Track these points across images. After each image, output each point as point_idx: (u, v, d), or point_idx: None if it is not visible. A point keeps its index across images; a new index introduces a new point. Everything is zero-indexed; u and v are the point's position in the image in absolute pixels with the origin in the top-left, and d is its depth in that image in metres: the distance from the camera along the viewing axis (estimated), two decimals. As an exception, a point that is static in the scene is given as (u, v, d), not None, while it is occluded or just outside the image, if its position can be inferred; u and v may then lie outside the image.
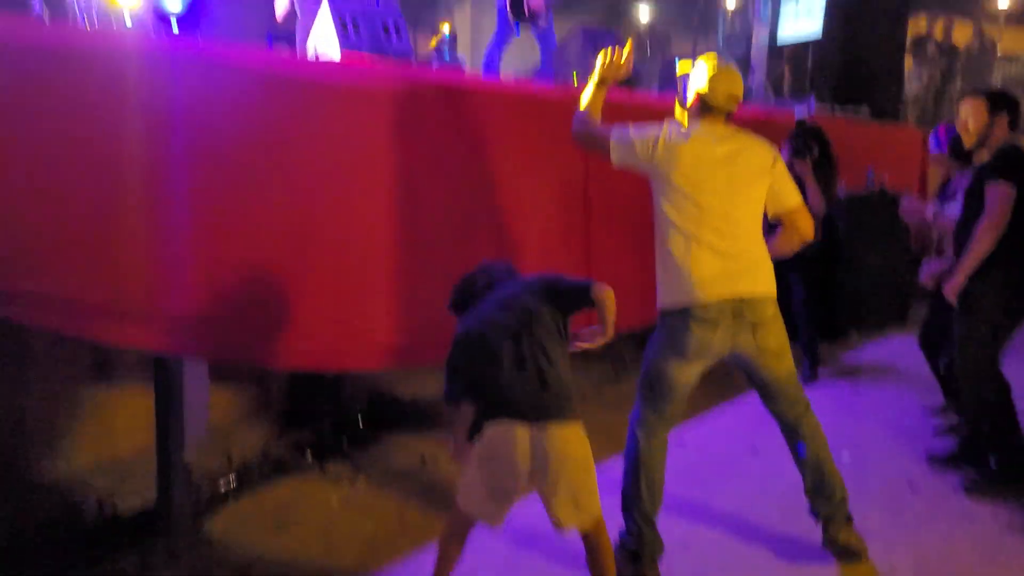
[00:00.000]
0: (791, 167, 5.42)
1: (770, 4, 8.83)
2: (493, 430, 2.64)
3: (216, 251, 3.07)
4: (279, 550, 3.28)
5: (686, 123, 3.20)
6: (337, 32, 4.67)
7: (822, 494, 3.25)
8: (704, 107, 3.13)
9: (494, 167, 4.32)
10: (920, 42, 12.56)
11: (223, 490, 3.61)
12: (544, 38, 7.01)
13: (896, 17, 9.71)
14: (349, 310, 3.58)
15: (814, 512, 3.31)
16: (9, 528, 3.04)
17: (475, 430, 2.73)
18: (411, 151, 3.84)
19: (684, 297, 3.03)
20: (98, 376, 3.44)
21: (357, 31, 4.69)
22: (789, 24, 9.13)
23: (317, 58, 4.80)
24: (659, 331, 3.16)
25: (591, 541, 2.74)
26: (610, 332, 2.75)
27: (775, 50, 9.48)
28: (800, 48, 9.17)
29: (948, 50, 12.73)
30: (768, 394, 3.24)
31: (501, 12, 7.11)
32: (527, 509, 2.87)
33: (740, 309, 3.03)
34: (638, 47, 12.65)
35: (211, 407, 3.75)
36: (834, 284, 6.81)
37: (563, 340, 2.75)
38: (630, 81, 5.75)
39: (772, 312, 3.13)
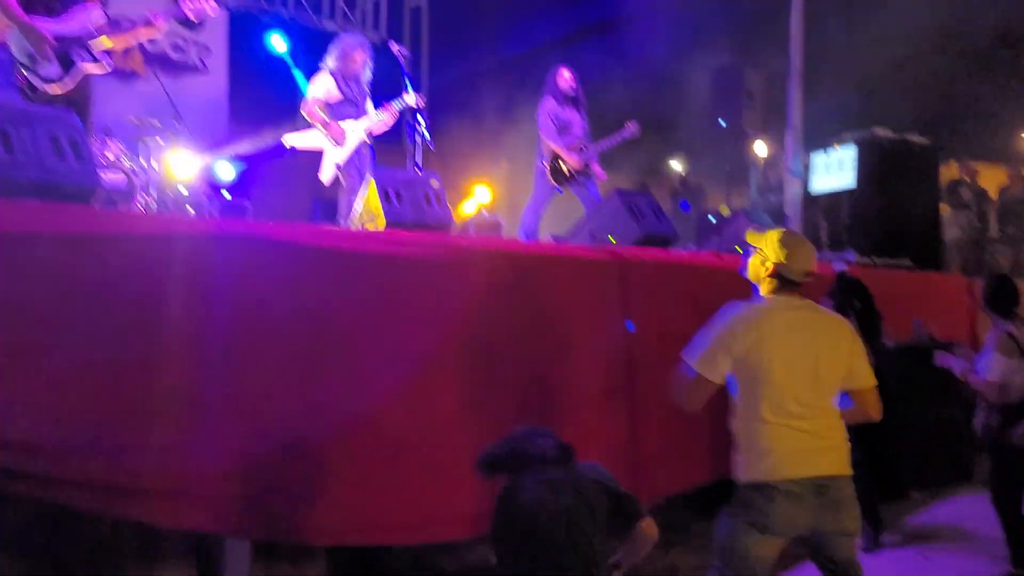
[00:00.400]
0: None
1: (800, 157, 9.02)
2: None
3: (262, 427, 3.07)
4: None
5: (761, 292, 3.19)
6: (381, 202, 4.84)
7: None
8: (780, 280, 3.12)
9: (536, 328, 4.34)
10: (954, 188, 12.69)
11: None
12: (588, 196, 7.23)
13: (929, 164, 9.86)
14: (401, 483, 3.52)
15: None
16: None
17: None
18: (458, 316, 3.88)
19: (769, 472, 2.99)
20: (143, 556, 3.38)
21: (400, 201, 4.85)
22: (821, 177, 9.29)
23: (362, 226, 4.96)
24: (737, 506, 3.09)
25: None
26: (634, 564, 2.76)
27: (809, 200, 9.62)
28: (835, 199, 9.29)
29: (979, 195, 12.86)
30: (832, 572, 3.11)
31: (540, 174, 7.36)
32: None
33: (825, 488, 3.00)
34: (673, 200, 12.93)
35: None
36: (890, 441, 6.60)
37: (608, 539, 2.69)
38: (667, 239, 5.84)
39: (851, 492, 3.09)
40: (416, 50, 13.73)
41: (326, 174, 6.36)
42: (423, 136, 6.16)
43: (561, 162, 7.23)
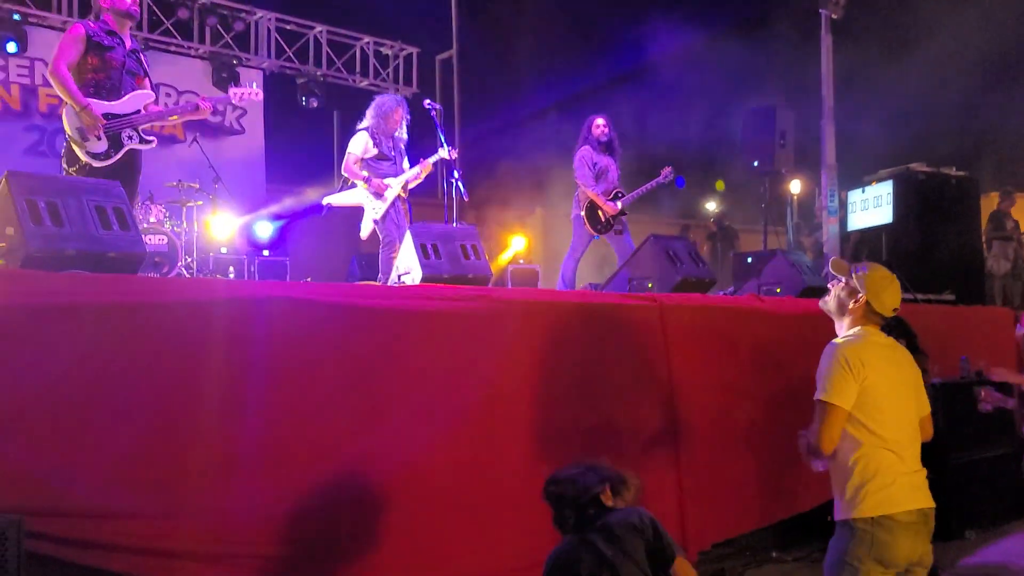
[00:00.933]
0: None
1: (836, 195, 8.98)
2: None
3: (305, 488, 3.08)
4: None
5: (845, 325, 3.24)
6: (418, 256, 4.89)
7: None
8: (869, 314, 3.18)
9: (575, 380, 4.32)
10: (997, 219, 12.56)
11: None
12: (623, 243, 7.26)
13: (968, 196, 9.76)
14: (452, 539, 3.51)
15: None
16: None
17: None
18: (502, 367, 3.89)
19: (885, 504, 3.01)
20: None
21: (438, 255, 4.90)
22: (859, 213, 9.23)
23: (400, 281, 5.00)
24: (851, 542, 3.06)
25: None
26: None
27: (847, 236, 9.56)
28: (873, 235, 9.21)
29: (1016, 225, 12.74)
30: None
31: (577, 222, 7.42)
32: None
33: (927, 519, 3.08)
34: (710, 244, 12.90)
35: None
36: (941, 480, 6.46)
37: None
38: (705, 283, 5.81)
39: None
40: (448, 103, 13.97)
41: (365, 231, 6.45)
42: (458, 189, 6.23)
43: (598, 209, 7.28)
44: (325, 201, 6.95)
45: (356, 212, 11.07)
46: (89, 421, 2.61)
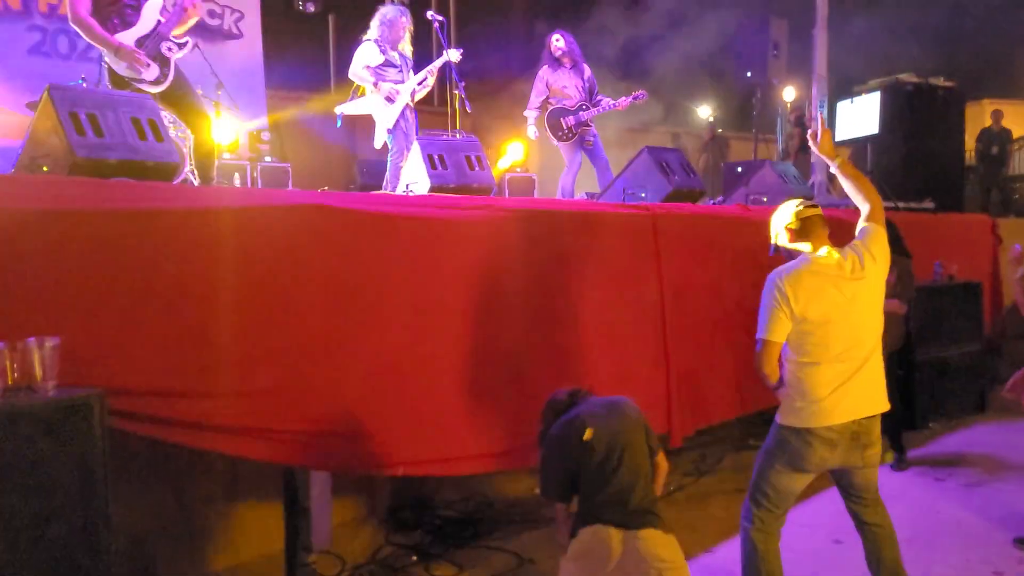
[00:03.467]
0: None
1: (826, 105, 9.18)
2: (589, 533, 2.97)
3: (333, 376, 3.47)
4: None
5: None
6: (426, 167, 5.19)
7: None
8: (803, 230, 3.30)
9: (572, 282, 4.68)
10: (985, 135, 12.91)
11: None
12: (594, 157, 7.39)
13: (955, 107, 9.98)
14: (456, 420, 3.93)
15: None
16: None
17: (572, 528, 3.05)
18: (500, 273, 4.23)
19: (808, 419, 3.24)
20: (232, 488, 3.83)
21: (444, 165, 5.19)
22: (846, 123, 9.46)
23: (408, 190, 5.31)
24: (777, 445, 3.35)
25: None
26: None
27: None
28: (860, 145, 9.46)
29: (1004, 134, 13.01)
30: (852, 495, 3.45)
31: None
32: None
33: (857, 432, 3.25)
34: (702, 153, 13.09)
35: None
36: (913, 375, 6.94)
37: (650, 460, 3.20)
38: (696, 194, 6.13)
39: (878, 431, 3.34)
40: (444, 10, 13.92)
41: (378, 140, 6.49)
42: (462, 98, 6.35)
43: (560, 119, 7.36)
44: (338, 110, 7.04)
45: (355, 118, 11.24)
46: (146, 316, 2.95)
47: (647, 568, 2.96)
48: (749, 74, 9.72)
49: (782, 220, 3.36)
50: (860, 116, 9.43)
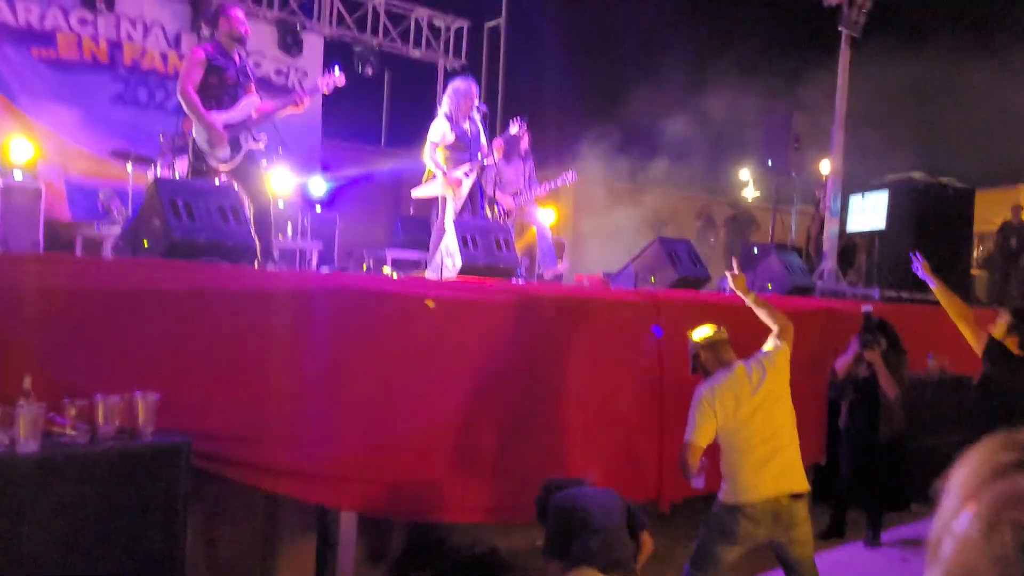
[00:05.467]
0: (861, 358, 6.27)
1: (839, 198, 9.80)
2: (583, 573, 3.60)
3: (369, 434, 4.16)
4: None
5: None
6: (459, 247, 5.90)
7: None
8: (714, 351, 4.07)
9: (581, 359, 5.33)
10: (1005, 228, 13.36)
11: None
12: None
13: (963, 204, 10.50)
14: (466, 476, 4.59)
15: None
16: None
17: (562, 570, 3.70)
18: (515, 347, 4.91)
19: (734, 496, 3.95)
20: (270, 523, 4.52)
21: (476, 246, 5.91)
22: (857, 217, 10.06)
23: (441, 269, 6.02)
24: (713, 519, 4.05)
25: None
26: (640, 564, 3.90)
27: (848, 238, 10.38)
28: (868, 238, 10.03)
29: (1020, 227, 13.45)
30: (789, 569, 4.08)
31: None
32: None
33: (778, 511, 3.90)
34: (726, 227, 13.72)
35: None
36: (899, 462, 7.42)
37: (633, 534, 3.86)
38: (698, 282, 6.78)
39: (804, 513, 3.99)
40: (494, 71, 14.77)
41: (448, 223, 6.78)
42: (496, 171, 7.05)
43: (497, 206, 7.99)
44: (414, 195, 7.52)
45: (398, 176, 12.03)
46: (226, 378, 3.68)
47: None
48: (770, 163, 10.37)
49: (698, 344, 4.09)
50: (870, 210, 10.02)
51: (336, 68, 6.14)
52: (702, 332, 4.14)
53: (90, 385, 3.17)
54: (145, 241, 4.28)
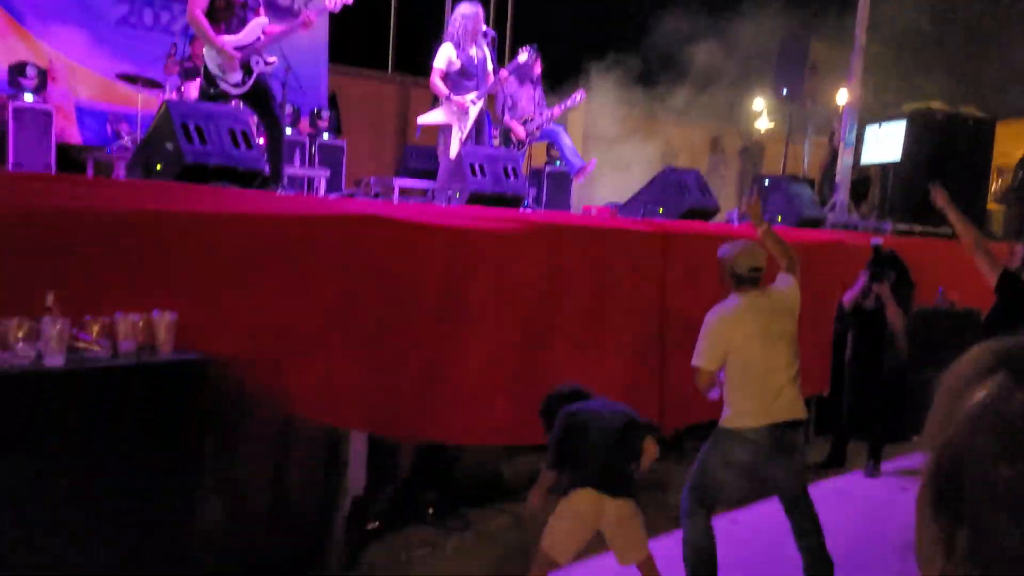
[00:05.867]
0: (870, 290, 6.31)
1: (855, 129, 9.71)
2: (581, 495, 3.70)
3: (385, 358, 4.25)
4: (411, 577, 4.37)
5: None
6: (468, 173, 5.92)
7: (813, 571, 4.17)
8: (736, 280, 4.10)
9: (585, 288, 5.39)
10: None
11: (370, 530, 4.73)
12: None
13: (982, 136, 10.38)
14: (471, 399, 4.70)
15: None
16: (218, 551, 4.20)
17: (564, 490, 3.78)
18: (522, 278, 4.96)
19: (736, 422, 4.05)
20: (282, 442, 4.65)
21: (483, 174, 5.92)
22: (873, 148, 9.96)
23: (450, 196, 6.04)
24: (712, 444, 4.15)
25: (645, 571, 3.79)
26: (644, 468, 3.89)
27: (861, 170, 10.30)
28: (886, 168, 9.95)
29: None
30: (783, 496, 4.20)
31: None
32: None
33: (779, 437, 4.02)
34: (739, 158, 13.63)
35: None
36: (902, 394, 7.52)
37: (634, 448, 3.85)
38: (707, 213, 6.79)
39: (800, 441, 4.13)
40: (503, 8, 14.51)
41: (454, 149, 6.92)
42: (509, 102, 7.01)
43: (511, 134, 8.09)
44: (420, 121, 7.57)
45: (406, 104, 11.92)
46: (242, 300, 3.75)
47: (617, 531, 3.71)
48: (785, 91, 10.25)
49: (729, 262, 4.10)
50: (886, 142, 9.92)
51: None
52: (748, 254, 4.11)
53: (109, 305, 3.23)
54: (158, 164, 4.31)
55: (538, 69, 8.18)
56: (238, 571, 4.13)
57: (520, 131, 8.01)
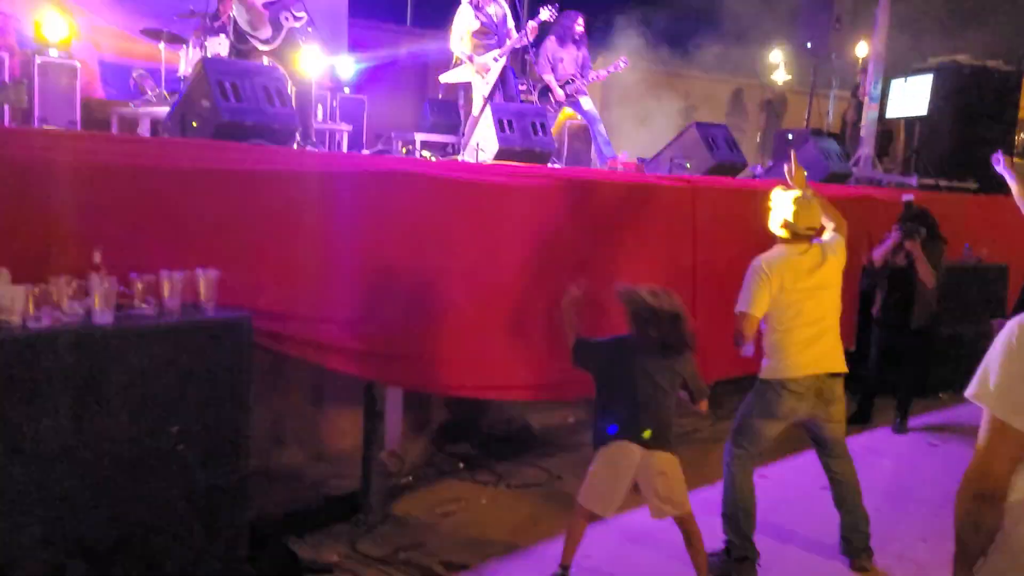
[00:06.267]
0: (899, 247, 6.29)
1: (880, 82, 9.58)
2: (616, 446, 3.73)
3: (412, 313, 4.28)
4: (444, 529, 4.46)
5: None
6: (496, 130, 5.89)
7: (850, 527, 4.25)
8: (792, 234, 4.11)
9: (614, 243, 5.39)
10: None
11: (403, 484, 4.82)
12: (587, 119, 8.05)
13: (1009, 90, 10.24)
14: (504, 355, 4.73)
15: (843, 542, 4.27)
16: (259, 503, 4.28)
17: (600, 441, 3.81)
18: (551, 233, 4.96)
19: (780, 372, 4.08)
20: (317, 397, 4.74)
21: (512, 130, 5.89)
22: (898, 102, 9.84)
23: (477, 148, 6.02)
24: (755, 395, 4.19)
25: (685, 526, 3.84)
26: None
27: (884, 124, 10.18)
28: (910, 124, 9.84)
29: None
30: (823, 448, 4.27)
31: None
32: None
33: (820, 388, 4.07)
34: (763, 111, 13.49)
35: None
36: (930, 350, 7.51)
37: (674, 394, 3.87)
38: (735, 168, 6.74)
39: (841, 391, 4.15)
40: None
41: (476, 107, 7.00)
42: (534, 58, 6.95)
43: (550, 92, 8.08)
44: (442, 79, 7.53)
45: (425, 58, 11.79)
46: (281, 256, 3.77)
47: (655, 482, 3.74)
48: (809, 44, 10.10)
49: (782, 212, 4.08)
50: (912, 95, 9.79)
51: None
52: (809, 213, 4.11)
53: (153, 263, 3.27)
54: (194, 122, 4.32)
55: (580, 29, 8.09)
56: (278, 518, 4.24)
57: (559, 94, 7.98)
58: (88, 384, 2.90)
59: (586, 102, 8.16)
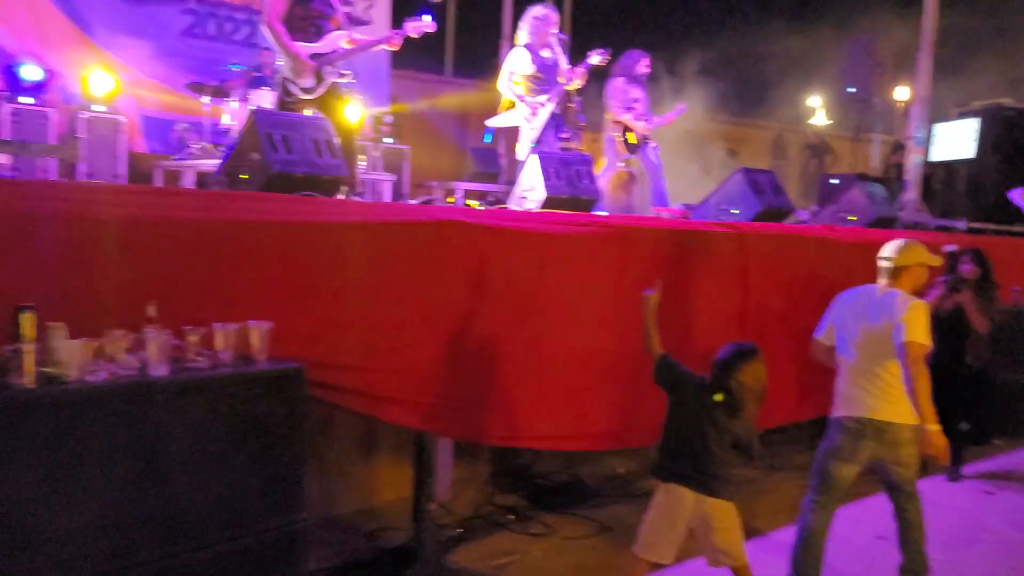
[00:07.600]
0: (948, 297, 6.15)
1: (924, 127, 9.49)
2: (668, 492, 3.64)
3: (468, 363, 4.24)
4: (501, 581, 4.35)
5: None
6: (543, 178, 5.89)
7: (910, 569, 4.11)
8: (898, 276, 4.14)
9: (667, 290, 5.30)
10: None
11: (455, 535, 4.73)
12: (649, 162, 7.97)
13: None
14: (559, 404, 4.67)
15: None
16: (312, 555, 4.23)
17: (658, 469, 3.74)
18: (604, 282, 4.92)
19: (841, 411, 4.07)
20: (367, 447, 4.68)
21: (559, 178, 5.89)
22: (943, 145, 9.73)
23: (522, 197, 6.01)
24: (826, 437, 4.14)
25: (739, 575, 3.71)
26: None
27: (929, 167, 10.06)
28: (954, 167, 9.71)
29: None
30: (892, 490, 4.13)
31: (610, 144, 8.06)
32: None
33: (880, 429, 3.99)
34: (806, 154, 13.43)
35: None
36: (982, 396, 7.30)
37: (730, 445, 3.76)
38: (782, 213, 6.67)
39: (908, 436, 4.00)
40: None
41: (522, 152, 6.94)
42: (576, 112, 6.98)
43: (628, 133, 7.94)
44: (489, 124, 7.52)
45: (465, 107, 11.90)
46: (334, 309, 3.76)
47: (711, 532, 3.64)
48: (852, 89, 10.06)
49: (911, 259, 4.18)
50: (958, 138, 9.68)
51: (428, 16, 5.92)
52: (913, 253, 4.22)
53: (206, 315, 3.26)
54: (244, 174, 4.36)
55: (646, 70, 8.06)
56: (332, 570, 4.18)
57: (640, 129, 7.89)
58: (144, 436, 2.88)
59: (652, 151, 8.07)
